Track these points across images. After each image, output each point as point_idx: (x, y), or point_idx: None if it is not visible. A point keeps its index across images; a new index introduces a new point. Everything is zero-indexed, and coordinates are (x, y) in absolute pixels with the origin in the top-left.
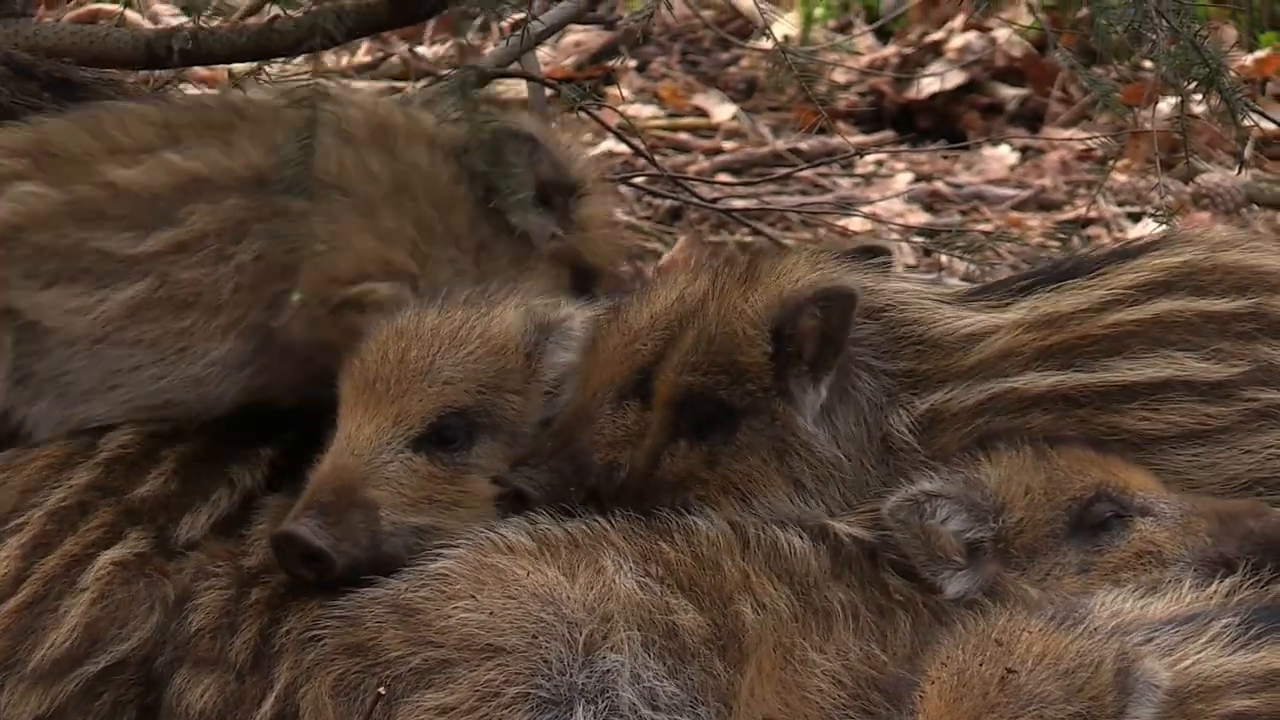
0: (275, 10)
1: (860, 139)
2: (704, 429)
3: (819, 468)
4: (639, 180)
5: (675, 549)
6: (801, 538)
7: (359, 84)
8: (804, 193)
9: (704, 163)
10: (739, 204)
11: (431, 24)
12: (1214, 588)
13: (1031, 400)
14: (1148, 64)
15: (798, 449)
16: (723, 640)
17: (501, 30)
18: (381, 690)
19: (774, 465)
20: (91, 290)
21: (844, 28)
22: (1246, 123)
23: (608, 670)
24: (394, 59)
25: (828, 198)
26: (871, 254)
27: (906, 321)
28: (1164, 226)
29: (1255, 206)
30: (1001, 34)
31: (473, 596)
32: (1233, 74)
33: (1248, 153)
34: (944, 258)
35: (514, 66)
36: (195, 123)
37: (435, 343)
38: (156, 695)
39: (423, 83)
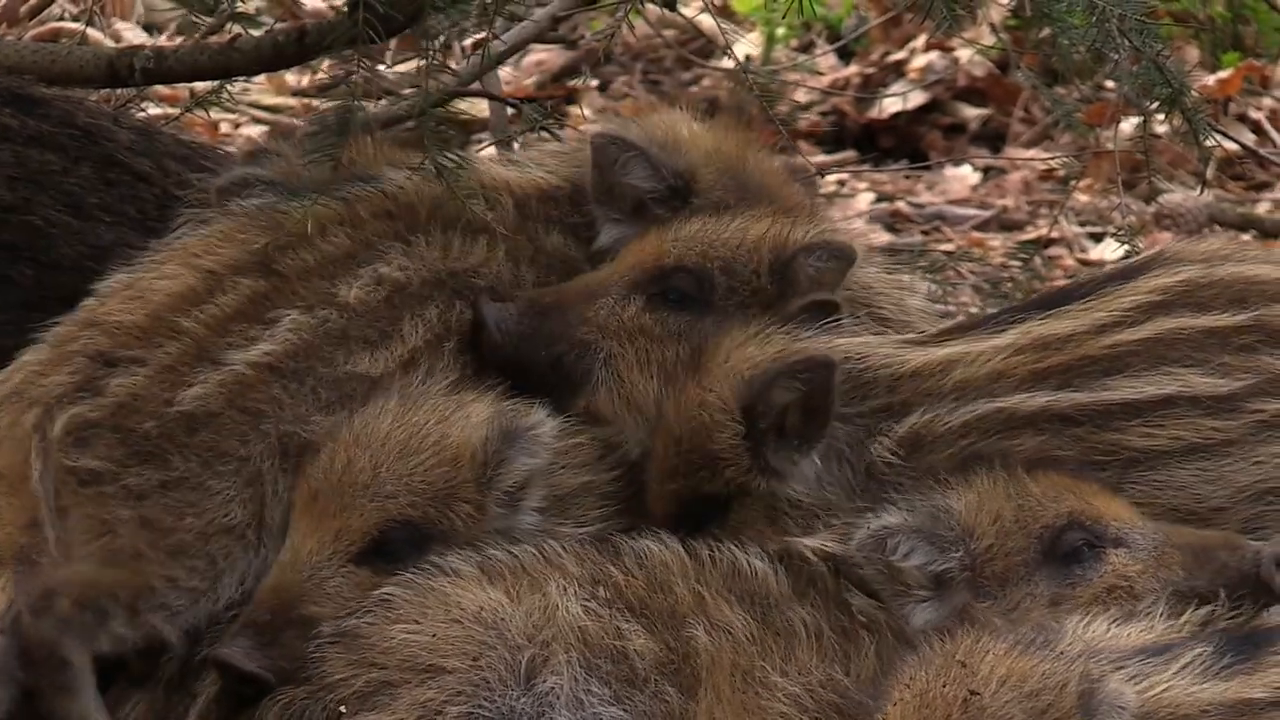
0: (237, 29)
1: (822, 159)
2: (700, 521)
3: (806, 513)
4: None
5: (625, 573)
6: (761, 559)
7: (318, 103)
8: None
9: None
10: None
11: (393, 43)
12: (1187, 616)
13: (1023, 419)
14: (1110, 84)
15: (786, 510)
16: (675, 664)
17: (463, 50)
18: (343, 710)
19: (764, 527)
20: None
21: (806, 47)
22: (1209, 143)
23: (547, 693)
24: (355, 78)
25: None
26: (822, 310)
27: (874, 366)
28: (1126, 247)
29: (1217, 227)
30: (964, 54)
31: (415, 620)
32: (1195, 94)
33: (1210, 173)
34: (906, 278)
35: (475, 86)
36: (373, 217)
37: (383, 454)
38: None
39: (384, 102)
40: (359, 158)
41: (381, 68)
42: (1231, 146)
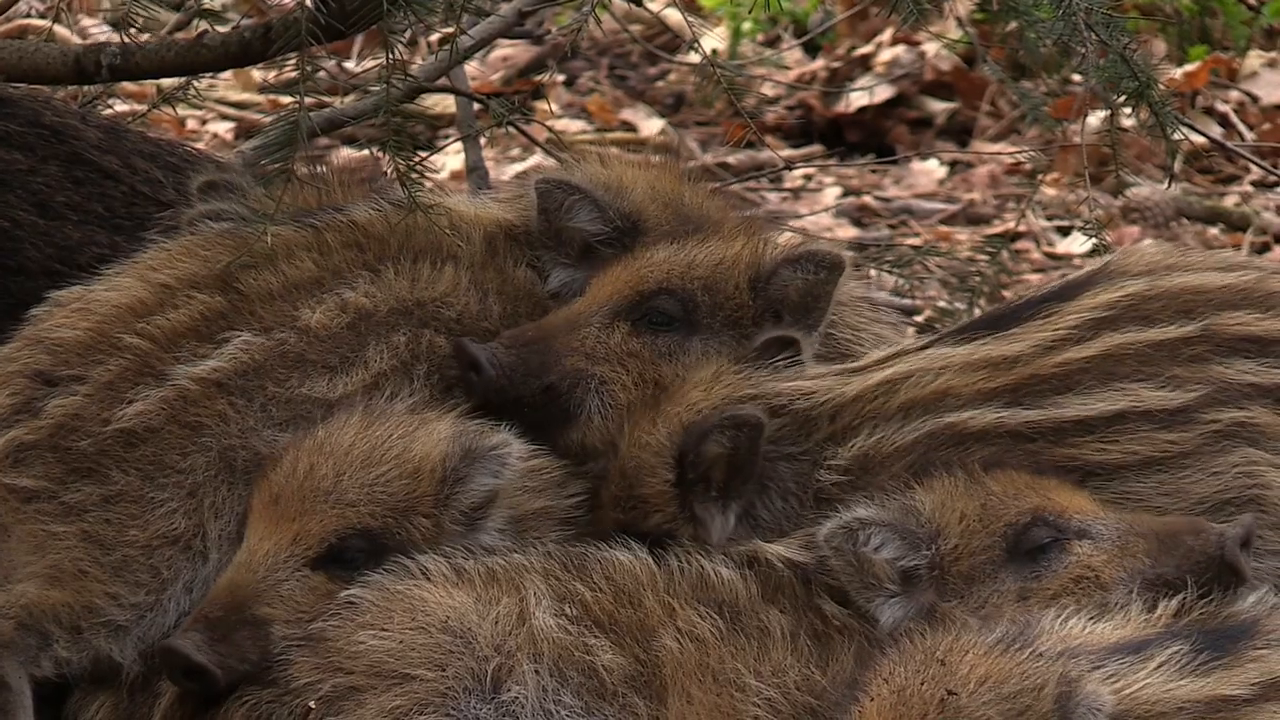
0: (203, 26)
1: (789, 153)
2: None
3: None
4: None
5: (593, 588)
6: (728, 566)
7: (284, 99)
8: (732, 207)
9: None
10: None
11: (359, 39)
12: (1161, 609)
13: (974, 435)
14: (1077, 77)
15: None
16: (645, 676)
17: (429, 45)
18: (312, 705)
19: None
20: None
21: (772, 42)
22: (1176, 136)
23: (511, 702)
24: (321, 74)
25: (756, 212)
26: (780, 346)
27: (816, 403)
28: (1094, 240)
29: (1185, 220)
30: (930, 48)
31: (382, 626)
32: (1162, 87)
33: (1177, 166)
34: (872, 272)
35: (442, 81)
36: (343, 246)
37: (345, 462)
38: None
39: (350, 97)
40: (330, 194)
41: (349, 64)
42: (1199, 140)
